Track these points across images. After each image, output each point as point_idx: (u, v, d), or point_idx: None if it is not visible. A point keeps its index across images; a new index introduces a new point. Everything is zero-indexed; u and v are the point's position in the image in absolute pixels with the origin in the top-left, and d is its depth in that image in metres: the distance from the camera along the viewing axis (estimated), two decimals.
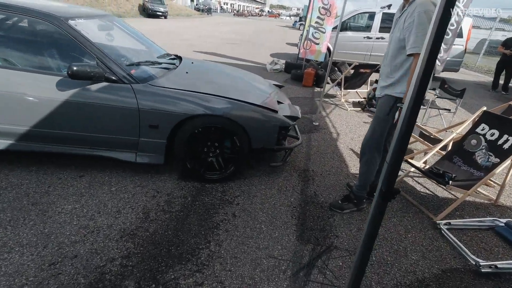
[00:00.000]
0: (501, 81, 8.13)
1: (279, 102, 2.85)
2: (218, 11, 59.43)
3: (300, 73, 6.82)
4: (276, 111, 2.53)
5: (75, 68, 1.98)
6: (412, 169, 2.71)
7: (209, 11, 44.96)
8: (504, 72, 8.02)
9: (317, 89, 6.36)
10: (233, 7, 79.31)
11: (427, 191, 2.83)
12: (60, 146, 2.32)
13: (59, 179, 2.37)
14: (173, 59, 3.11)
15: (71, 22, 2.21)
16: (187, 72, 2.74)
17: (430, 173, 2.59)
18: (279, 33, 22.57)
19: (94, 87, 2.16)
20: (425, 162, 2.86)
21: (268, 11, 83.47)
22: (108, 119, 2.24)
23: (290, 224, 2.19)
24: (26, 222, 1.91)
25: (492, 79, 8.62)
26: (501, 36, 17.37)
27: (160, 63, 2.71)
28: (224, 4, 73.53)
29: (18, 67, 2.18)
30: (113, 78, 2.18)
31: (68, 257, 1.70)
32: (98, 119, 2.23)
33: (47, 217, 1.97)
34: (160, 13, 24.22)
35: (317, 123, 4.25)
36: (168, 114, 2.24)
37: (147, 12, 24.01)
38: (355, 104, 5.53)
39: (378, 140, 2.12)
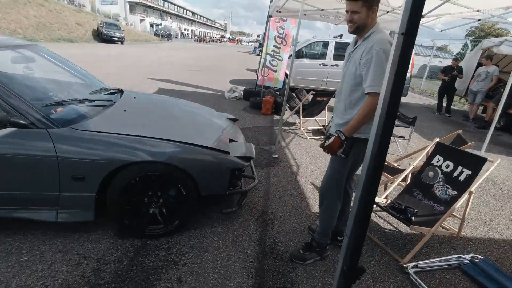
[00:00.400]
0: (444, 104, 8.78)
1: (231, 140, 2.61)
2: (179, 37, 59.62)
3: (259, 100, 6.74)
4: (227, 152, 2.27)
5: None
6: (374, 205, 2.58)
7: (169, 36, 44.84)
8: (446, 96, 8.71)
9: (276, 117, 6.28)
10: (194, 33, 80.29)
11: (391, 227, 2.70)
12: None
13: None
14: (112, 93, 2.77)
15: None
16: (125, 110, 2.41)
17: (392, 210, 2.47)
18: (239, 58, 22.97)
19: None
20: (386, 197, 2.76)
21: (229, 37, 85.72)
22: (16, 173, 1.81)
23: (246, 286, 1.87)
24: None
25: (436, 101, 9.31)
26: (438, 62, 19.32)
27: (92, 101, 2.36)
28: (184, 30, 74.18)
29: None
30: (22, 122, 1.78)
31: None
32: (4, 173, 1.80)
33: None
34: (116, 38, 23.54)
35: (276, 155, 4.06)
36: (95, 163, 1.88)
37: (101, 37, 23.20)
38: (315, 132, 5.50)
39: (338, 183, 1.95)
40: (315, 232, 2.28)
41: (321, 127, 5.58)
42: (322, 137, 5.25)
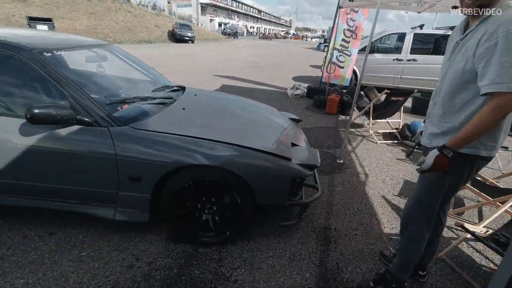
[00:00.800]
0: None
1: (294, 144, 2.35)
2: (245, 35, 61.18)
3: (323, 99, 6.30)
4: (289, 159, 2.02)
5: (36, 111, 1.62)
6: (469, 234, 2.05)
7: (235, 35, 46.29)
8: None
9: (341, 117, 5.78)
10: (259, 30, 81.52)
11: (491, 265, 2.13)
12: (28, 199, 1.94)
13: (24, 238, 1.98)
14: (174, 90, 2.74)
15: (46, 55, 1.89)
16: (184, 109, 2.33)
17: (496, 244, 1.92)
18: (303, 55, 22.38)
19: (64, 131, 1.78)
20: (485, 226, 2.18)
21: (294, 34, 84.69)
22: (81, 169, 1.84)
23: None
24: None
25: None
26: None
27: (154, 98, 2.33)
28: (250, 28, 75.82)
29: None
30: (87, 120, 1.80)
31: None
32: (69, 169, 1.84)
33: None
34: (188, 38, 25.14)
35: (341, 161, 3.66)
36: (151, 164, 1.81)
37: (175, 38, 25.00)
38: (386, 136, 4.88)
39: (427, 209, 1.53)
40: (389, 261, 1.90)
41: (394, 131, 4.92)
42: (395, 142, 4.62)
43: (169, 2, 40.24)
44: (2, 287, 1.61)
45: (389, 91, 4.51)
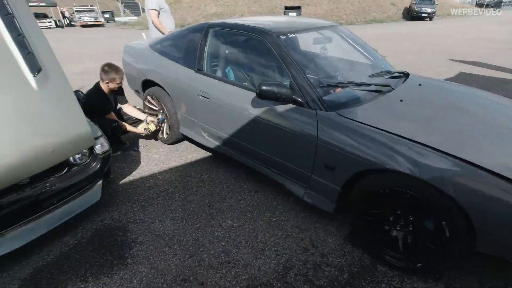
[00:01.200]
0: None
1: None
2: None
3: None
4: None
5: (263, 87, 1.85)
6: None
7: (497, 5, 35.09)
8: None
9: None
10: None
11: None
12: (247, 158, 2.38)
13: (240, 188, 2.47)
14: (395, 77, 2.38)
15: (282, 37, 2.12)
16: (401, 100, 1.97)
17: None
18: None
19: (280, 108, 1.98)
20: None
21: None
22: (286, 144, 2.01)
23: None
24: (195, 223, 2.09)
25: None
26: None
27: (369, 85, 2.12)
28: None
29: (231, 81, 2.40)
30: (300, 100, 1.89)
31: (195, 282, 1.66)
32: (278, 141, 2.06)
33: (209, 226, 2.07)
34: (426, 15, 21.76)
35: None
36: (348, 157, 1.68)
37: (410, 15, 22.34)
38: None
39: None
40: None
41: None
42: None
43: None
44: (218, 221, 2.11)
45: None
